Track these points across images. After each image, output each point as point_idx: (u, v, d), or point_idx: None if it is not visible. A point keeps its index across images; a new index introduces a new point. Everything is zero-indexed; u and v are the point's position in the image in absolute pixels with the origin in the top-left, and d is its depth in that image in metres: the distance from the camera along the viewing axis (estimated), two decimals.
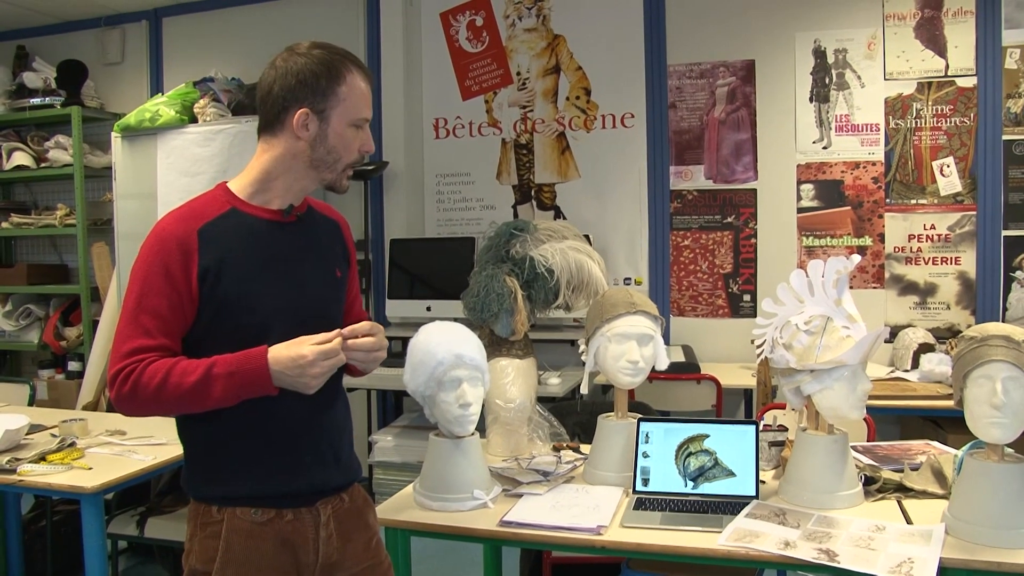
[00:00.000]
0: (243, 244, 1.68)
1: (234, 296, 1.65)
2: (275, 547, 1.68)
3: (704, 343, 4.78)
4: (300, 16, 5.47)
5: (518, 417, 2.66)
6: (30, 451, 2.82)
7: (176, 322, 1.62)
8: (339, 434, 1.83)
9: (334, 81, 1.68)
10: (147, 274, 1.62)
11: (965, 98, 4.43)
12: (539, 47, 5.12)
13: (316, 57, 1.68)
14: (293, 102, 1.67)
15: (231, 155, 4.78)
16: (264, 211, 1.72)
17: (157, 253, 1.62)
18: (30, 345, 5.82)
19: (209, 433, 1.70)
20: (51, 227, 5.69)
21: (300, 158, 1.71)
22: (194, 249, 1.62)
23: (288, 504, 1.70)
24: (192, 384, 1.56)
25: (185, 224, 1.65)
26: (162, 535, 3.30)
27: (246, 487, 1.68)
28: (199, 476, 1.73)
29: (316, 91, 1.67)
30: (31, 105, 5.66)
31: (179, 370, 1.57)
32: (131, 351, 1.59)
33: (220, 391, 1.57)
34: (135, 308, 1.61)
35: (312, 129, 1.68)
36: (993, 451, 1.95)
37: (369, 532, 1.88)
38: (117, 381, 1.57)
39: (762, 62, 4.74)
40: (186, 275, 1.61)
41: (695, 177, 4.87)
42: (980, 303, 4.44)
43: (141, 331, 1.59)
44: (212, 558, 1.66)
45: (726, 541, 1.96)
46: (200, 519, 1.70)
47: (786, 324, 2.23)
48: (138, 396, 1.57)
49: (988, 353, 1.90)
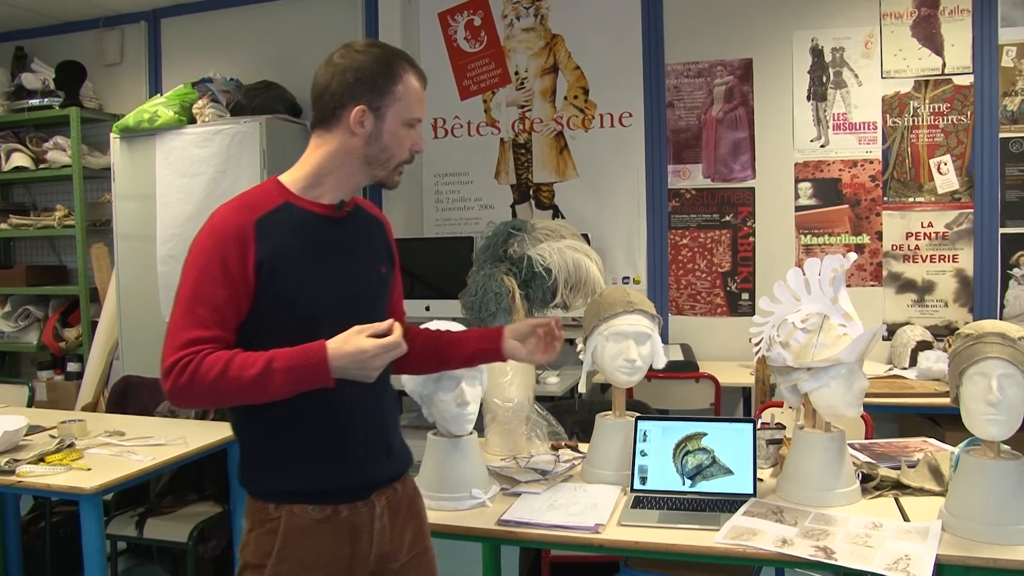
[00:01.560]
0: (297, 238, 1.68)
1: (288, 289, 1.65)
2: (331, 543, 1.70)
3: (702, 342, 4.79)
4: (298, 17, 5.47)
5: (516, 416, 2.67)
6: (29, 452, 2.82)
7: (231, 313, 1.62)
8: (390, 426, 1.85)
9: (392, 80, 1.70)
10: (204, 265, 1.62)
11: (962, 96, 4.44)
12: (537, 47, 5.13)
13: (375, 55, 1.70)
14: (350, 99, 1.68)
15: (230, 155, 4.79)
16: (316, 205, 1.73)
17: (214, 244, 1.63)
18: (29, 346, 5.82)
19: (263, 429, 1.71)
20: (50, 228, 5.69)
21: (354, 154, 1.72)
22: (251, 241, 1.63)
23: (344, 499, 1.71)
24: (252, 377, 1.56)
25: (242, 216, 1.65)
26: (161, 536, 3.30)
27: (300, 483, 1.69)
28: (255, 472, 1.73)
29: (374, 89, 1.68)
30: (30, 106, 5.66)
31: (238, 363, 1.57)
32: (188, 342, 1.57)
33: (279, 384, 1.57)
34: (191, 298, 1.61)
35: (368, 126, 1.70)
36: (989, 448, 1.95)
37: (419, 520, 1.90)
38: (173, 372, 1.56)
39: (760, 61, 4.74)
40: (243, 266, 1.62)
41: (693, 176, 4.87)
42: (978, 300, 4.44)
43: (197, 322, 1.59)
44: (268, 553, 1.67)
45: (724, 539, 1.96)
46: (257, 515, 1.71)
47: (783, 322, 2.23)
48: (195, 388, 1.56)
49: (984, 350, 1.91)
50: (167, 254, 4.98)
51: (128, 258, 5.16)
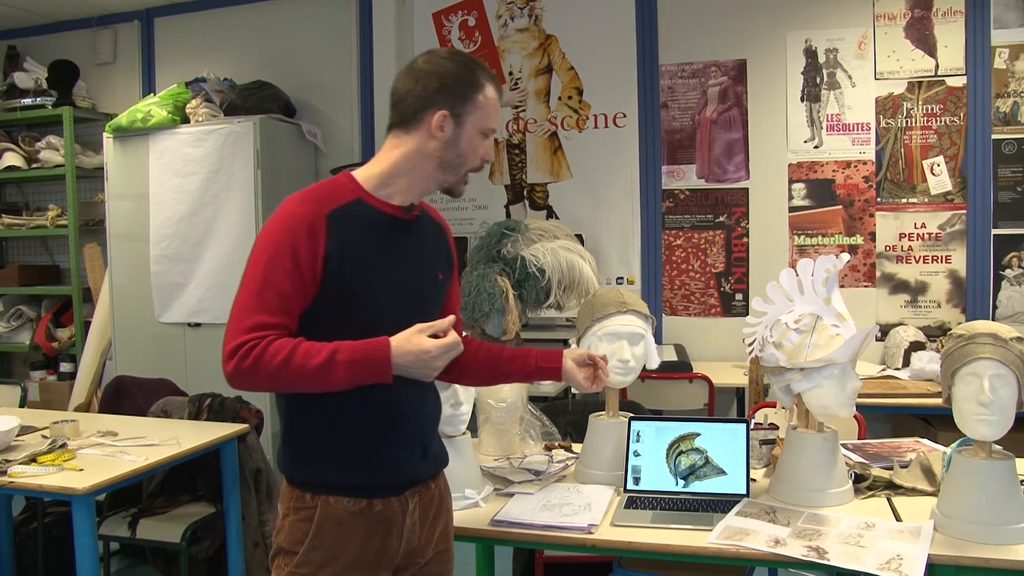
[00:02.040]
0: (365, 234, 1.71)
1: (352, 284, 1.68)
2: (364, 535, 1.73)
3: (696, 342, 4.79)
4: (293, 16, 5.46)
5: (509, 416, 2.67)
6: (21, 452, 2.82)
7: (297, 301, 1.65)
8: (430, 429, 1.88)
9: (475, 88, 1.74)
10: (275, 252, 1.64)
11: (955, 97, 4.45)
12: (531, 47, 5.13)
13: (460, 63, 1.75)
14: (433, 103, 1.72)
15: (223, 155, 4.78)
16: (386, 205, 1.76)
17: (286, 232, 1.65)
18: (22, 346, 5.80)
19: (309, 419, 1.74)
20: (43, 228, 5.68)
21: (430, 158, 1.75)
22: (322, 232, 1.65)
23: (379, 494, 1.74)
24: (315, 367, 1.59)
25: (314, 207, 1.68)
26: (154, 536, 3.29)
27: (338, 475, 1.73)
28: (295, 460, 1.76)
29: (456, 96, 1.72)
30: (22, 105, 5.64)
31: (302, 351, 1.59)
32: (254, 326, 1.60)
33: (341, 376, 1.60)
34: (260, 284, 1.63)
35: (447, 131, 1.73)
36: (981, 448, 1.96)
37: (447, 517, 1.93)
38: (238, 355, 1.58)
39: (753, 62, 4.75)
40: (312, 257, 1.64)
41: (687, 176, 4.88)
42: (970, 301, 4.46)
43: (264, 307, 1.62)
44: (301, 540, 1.71)
45: (716, 539, 1.96)
46: (293, 502, 1.74)
47: (776, 323, 2.23)
48: (259, 372, 1.58)
49: (976, 351, 1.91)
50: (160, 254, 4.97)
51: (121, 258, 5.14)
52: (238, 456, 3.30)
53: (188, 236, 4.89)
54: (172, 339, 4.99)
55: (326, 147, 5.34)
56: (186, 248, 4.90)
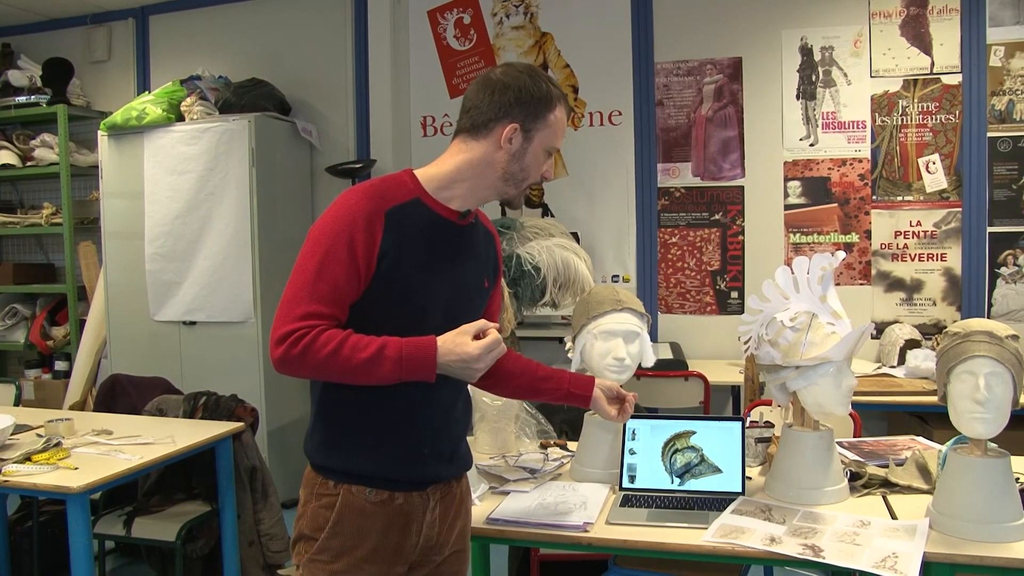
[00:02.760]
0: (421, 235, 1.73)
1: (404, 282, 1.70)
2: (384, 526, 1.75)
3: (692, 340, 4.79)
4: (288, 14, 5.45)
5: (505, 415, 2.67)
6: (15, 451, 2.81)
7: (349, 294, 1.67)
8: (459, 431, 1.90)
9: (547, 107, 1.76)
10: (331, 243, 1.65)
11: (950, 95, 4.45)
12: (527, 45, 5.12)
13: (536, 79, 1.77)
14: (506, 116, 1.74)
15: (218, 153, 4.77)
16: (444, 208, 1.77)
17: (345, 224, 1.66)
18: (16, 345, 5.79)
19: (342, 408, 1.76)
20: (37, 226, 5.66)
21: (495, 167, 1.77)
22: (379, 228, 1.67)
23: (401, 488, 1.77)
24: (363, 360, 1.61)
25: (374, 203, 1.69)
26: (149, 535, 3.29)
27: (363, 467, 1.74)
28: (322, 446, 1.78)
29: (530, 112, 1.74)
30: (16, 103, 5.63)
31: (351, 343, 1.61)
32: (306, 314, 1.62)
33: (387, 371, 1.62)
34: (315, 273, 1.64)
35: (515, 144, 1.75)
36: (976, 446, 1.96)
37: (466, 518, 1.96)
38: (288, 341, 1.60)
39: (749, 60, 4.75)
40: (368, 251, 1.66)
41: (682, 174, 4.88)
42: (966, 299, 4.46)
43: (317, 297, 1.64)
44: (321, 527, 1.74)
45: (712, 537, 1.97)
46: (316, 488, 1.77)
47: (771, 321, 2.24)
48: (307, 360, 1.61)
49: (971, 349, 1.92)
50: (155, 252, 4.96)
51: (116, 256, 5.13)
52: (233, 454, 3.29)
53: (183, 234, 4.88)
54: (167, 337, 4.98)
55: (321, 145, 5.33)
56: (181, 246, 4.89)
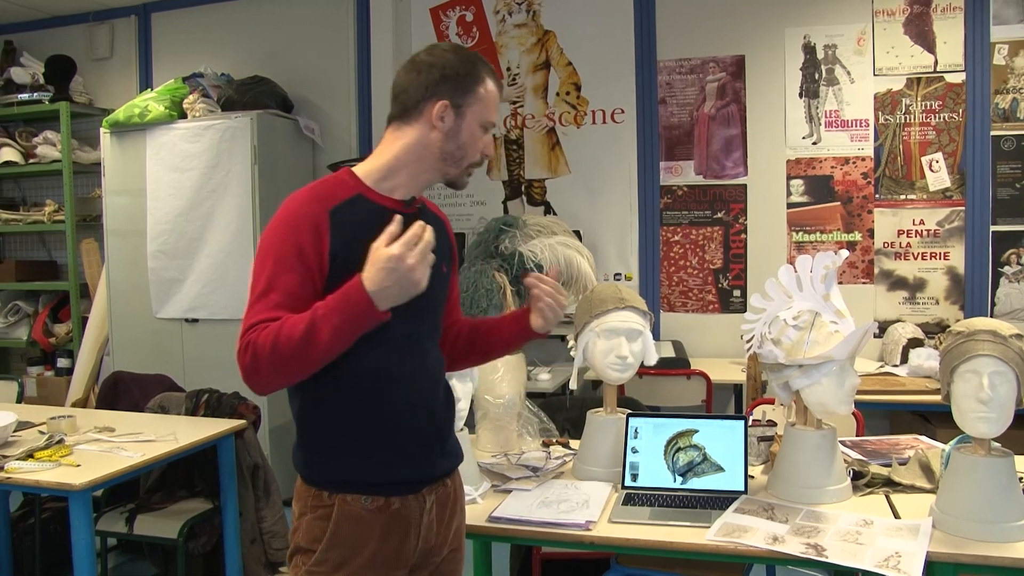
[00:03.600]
0: (368, 230, 1.66)
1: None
2: (381, 534, 1.72)
3: (694, 338, 4.79)
4: (290, 11, 5.45)
5: (507, 413, 2.66)
6: (18, 448, 2.81)
7: (305, 299, 1.61)
8: (445, 421, 1.86)
9: (475, 80, 1.73)
10: (280, 251, 1.62)
11: (954, 94, 4.44)
12: (529, 43, 5.12)
13: (461, 56, 1.75)
14: (434, 94, 1.71)
15: (221, 151, 4.77)
16: (388, 200, 1.74)
17: (290, 231, 1.63)
18: (19, 342, 5.79)
19: (323, 417, 1.72)
20: (40, 223, 5.67)
21: (431, 149, 1.73)
22: (325, 230, 1.64)
23: (396, 492, 1.73)
24: (301, 332, 1.53)
25: (315, 205, 1.66)
26: (151, 532, 3.29)
27: (355, 473, 1.71)
28: (311, 459, 1.74)
29: (457, 87, 1.72)
30: (19, 101, 5.63)
31: (288, 325, 1.55)
32: (252, 324, 1.58)
33: (329, 329, 1.54)
34: (266, 284, 1.61)
35: (448, 122, 1.72)
36: (980, 445, 1.95)
37: (461, 515, 1.92)
38: (241, 355, 1.57)
39: (752, 58, 4.74)
40: (318, 255, 1.63)
41: (685, 173, 4.87)
42: (969, 298, 4.46)
43: (269, 306, 1.59)
44: (319, 538, 1.70)
45: (714, 536, 1.96)
46: (311, 501, 1.73)
47: (775, 319, 2.23)
48: (260, 363, 1.55)
49: (975, 348, 1.91)
50: (157, 249, 4.96)
51: (118, 253, 5.13)
52: (235, 452, 3.29)
53: (185, 232, 4.88)
54: (169, 335, 4.98)
55: (324, 142, 5.33)
56: (183, 244, 4.89)
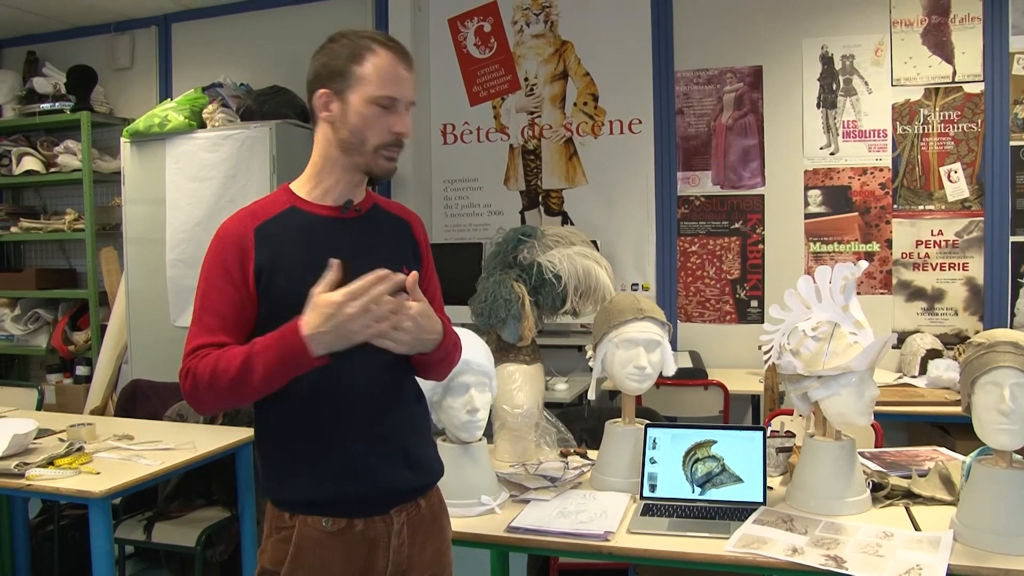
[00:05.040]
0: (298, 242, 1.67)
1: (287, 295, 1.60)
2: (344, 556, 1.66)
3: (711, 349, 4.78)
4: (308, 22, 5.49)
5: (525, 423, 2.66)
6: (38, 456, 2.83)
7: (238, 320, 1.63)
8: (411, 432, 1.78)
9: (352, 61, 1.67)
10: (208, 273, 1.66)
11: (973, 104, 4.42)
12: (547, 53, 5.13)
13: (340, 42, 1.71)
14: (317, 86, 1.70)
15: (239, 160, 4.79)
16: (322, 208, 1.72)
17: (217, 252, 1.66)
18: (38, 349, 5.84)
19: (276, 437, 1.70)
20: (60, 232, 5.71)
21: (331, 142, 1.70)
22: (250, 247, 1.64)
23: (359, 512, 1.68)
24: (237, 368, 1.53)
25: (243, 224, 1.68)
26: (169, 540, 3.30)
27: (313, 493, 1.66)
28: (270, 480, 1.72)
29: (334, 72, 1.68)
30: (41, 110, 5.69)
31: (226, 357, 1.55)
32: (192, 349, 1.60)
33: (262, 367, 1.52)
34: (200, 308, 1.64)
35: (334, 110, 1.68)
36: (1001, 457, 1.94)
37: (442, 538, 1.84)
38: (183, 380, 1.59)
39: (769, 68, 4.74)
40: (243, 273, 1.63)
41: (702, 183, 4.87)
42: (988, 309, 4.43)
43: (204, 329, 1.61)
44: (281, 561, 1.66)
45: (733, 547, 1.96)
46: (274, 522, 1.70)
47: (793, 330, 2.23)
48: (199, 390, 1.57)
49: (996, 359, 1.90)
50: (176, 258, 4.99)
51: (137, 262, 5.16)
52: (253, 461, 3.31)
53: (204, 241, 4.82)
54: None
55: None
56: (202, 252, 4.79)
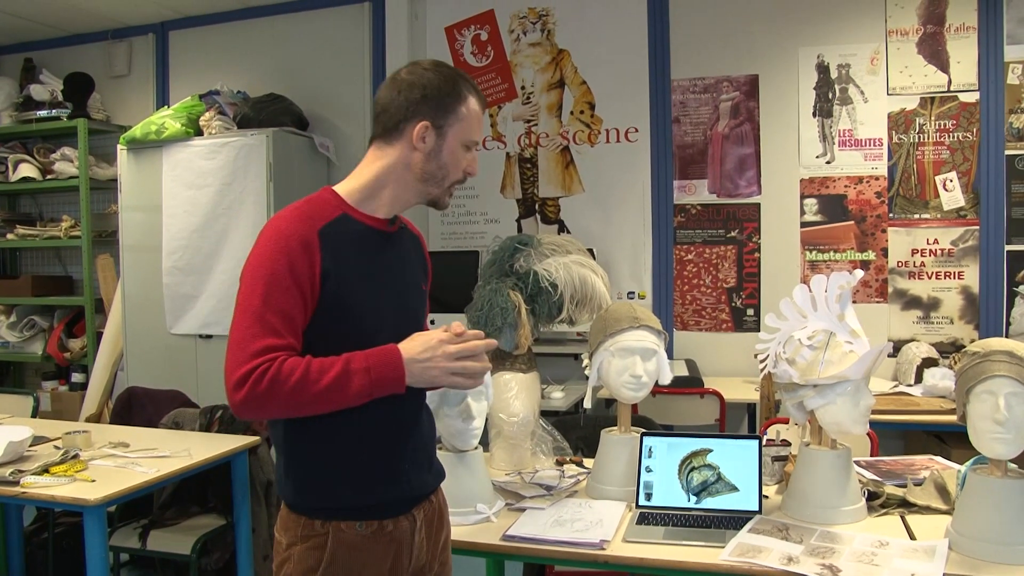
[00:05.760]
0: (356, 250, 1.70)
1: (347, 301, 1.66)
2: (377, 558, 1.71)
3: (707, 357, 4.78)
4: (306, 30, 5.49)
5: (521, 431, 2.66)
6: (33, 463, 2.83)
7: (300, 321, 1.62)
8: (432, 438, 1.88)
9: (456, 100, 1.73)
10: (273, 273, 1.60)
11: (968, 113, 4.44)
12: (543, 61, 5.14)
13: (443, 74, 1.74)
14: (415, 114, 1.71)
15: (236, 168, 4.80)
16: (371, 219, 1.75)
17: (282, 251, 1.61)
18: (34, 356, 5.83)
19: (310, 444, 1.70)
20: (56, 239, 5.71)
21: (412, 169, 1.74)
22: (316, 249, 1.63)
23: (389, 514, 1.73)
24: (331, 380, 1.55)
25: (304, 225, 1.65)
26: (165, 548, 3.30)
27: (348, 499, 1.70)
28: (300, 487, 1.72)
29: (439, 107, 1.72)
30: (38, 117, 5.70)
31: (316, 367, 1.56)
32: (262, 350, 1.55)
33: (357, 386, 1.56)
34: (262, 306, 1.58)
35: (429, 142, 1.72)
36: (996, 467, 1.95)
37: (447, 529, 1.93)
38: (250, 381, 1.53)
39: (766, 77, 4.75)
40: (310, 274, 1.62)
41: (699, 191, 4.88)
42: (983, 318, 4.44)
43: (269, 330, 1.57)
44: (314, 568, 1.68)
45: (729, 556, 1.96)
46: (301, 530, 1.70)
47: (789, 339, 2.23)
48: (274, 395, 1.53)
49: (991, 368, 1.90)
50: (173, 266, 4.99)
51: (134, 269, 5.17)
52: (249, 468, 3.30)
53: (200, 248, 4.91)
54: (183, 351, 5.01)
55: (338, 160, 5.36)
56: (198, 260, 4.92)
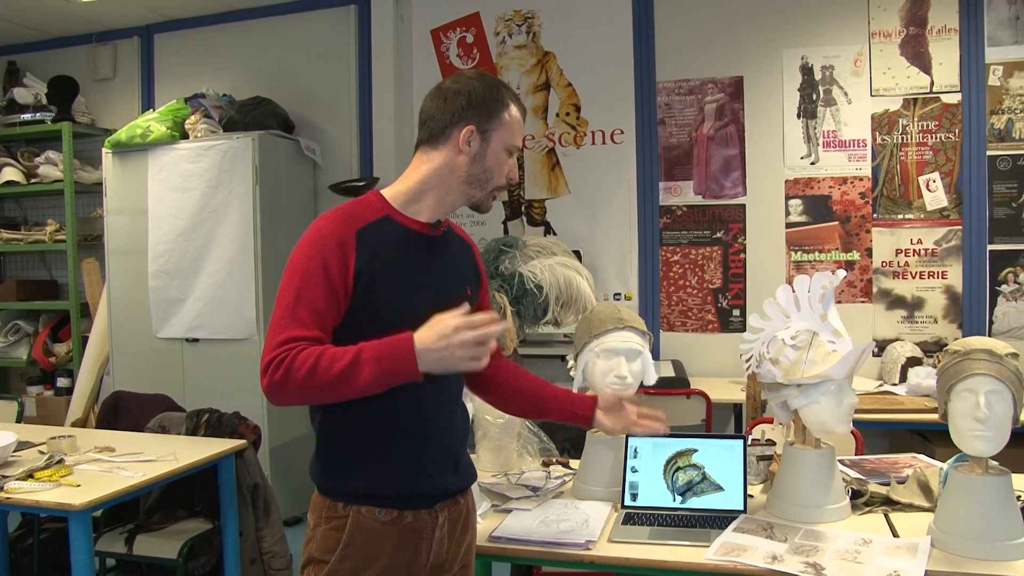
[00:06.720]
0: (394, 252, 1.76)
1: (381, 300, 1.72)
2: (394, 546, 1.76)
3: (693, 358, 4.79)
4: (292, 33, 5.49)
5: (507, 432, 2.67)
6: (18, 468, 2.81)
7: (330, 316, 1.68)
8: (460, 441, 1.91)
9: (500, 106, 1.81)
10: (306, 269, 1.68)
11: (950, 114, 4.47)
12: (529, 64, 5.15)
13: (486, 83, 1.82)
14: (461, 120, 1.78)
15: (222, 171, 4.79)
16: (414, 222, 1.81)
17: (317, 249, 1.69)
18: (19, 361, 5.79)
19: (342, 431, 1.78)
20: (41, 243, 5.69)
21: (457, 172, 1.80)
22: (351, 249, 1.70)
23: (410, 506, 1.78)
24: (341, 369, 1.59)
25: (343, 225, 1.72)
26: (151, 552, 3.28)
27: (370, 486, 1.76)
28: (328, 471, 1.80)
29: (483, 112, 1.79)
30: (21, 121, 5.66)
31: (328, 356, 1.60)
32: (285, 340, 1.63)
33: (368, 376, 1.59)
34: (293, 301, 1.66)
35: (474, 147, 1.79)
36: (977, 464, 1.96)
37: (473, 533, 1.97)
38: (270, 369, 1.61)
39: (750, 79, 4.77)
40: (343, 273, 1.68)
41: (684, 193, 4.89)
42: (967, 317, 4.47)
43: (297, 322, 1.65)
44: (332, 549, 1.75)
45: (714, 555, 1.97)
46: (325, 512, 1.78)
47: (773, 339, 2.24)
48: (289, 383, 1.60)
49: (971, 367, 1.92)
50: (159, 269, 4.97)
51: (119, 273, 5.15)
52: (236, 472, 3.30)
53: (186, 251, 4.90)
54: (170, 354, 4.99)
55: (324, 163, 5.36)
56: (184, 263, 4.90)
